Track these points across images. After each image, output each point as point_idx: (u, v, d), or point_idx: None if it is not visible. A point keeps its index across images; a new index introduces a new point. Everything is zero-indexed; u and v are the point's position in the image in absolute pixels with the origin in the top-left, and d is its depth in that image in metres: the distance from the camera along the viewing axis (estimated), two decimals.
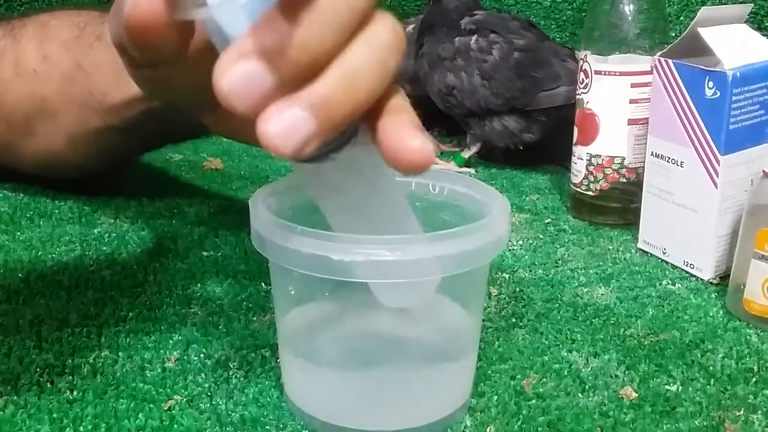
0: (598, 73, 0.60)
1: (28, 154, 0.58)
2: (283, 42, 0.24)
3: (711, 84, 0.49)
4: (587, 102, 0.61)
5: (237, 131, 0.36)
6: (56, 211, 0.60)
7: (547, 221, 0.63)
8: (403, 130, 0.27)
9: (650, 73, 0.55)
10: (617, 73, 0.59)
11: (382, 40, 0.26)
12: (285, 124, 0.25)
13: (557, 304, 0.48)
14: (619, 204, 0.62)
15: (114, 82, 0.49)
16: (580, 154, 0.62)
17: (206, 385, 0.38)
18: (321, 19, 0.24)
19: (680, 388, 0.40)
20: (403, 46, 0.27)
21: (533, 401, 0.38)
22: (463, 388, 0.37)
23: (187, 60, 0.29)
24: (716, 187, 0.50)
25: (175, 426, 0.35)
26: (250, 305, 0.46)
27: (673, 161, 0.53)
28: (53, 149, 0.56)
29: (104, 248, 0.54)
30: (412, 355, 0.36)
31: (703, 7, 0.52)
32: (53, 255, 0.52)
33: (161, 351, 0.41)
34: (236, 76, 0.24)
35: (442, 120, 0.85)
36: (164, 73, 0.30)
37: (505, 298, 0.49)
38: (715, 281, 0.52)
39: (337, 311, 0.36)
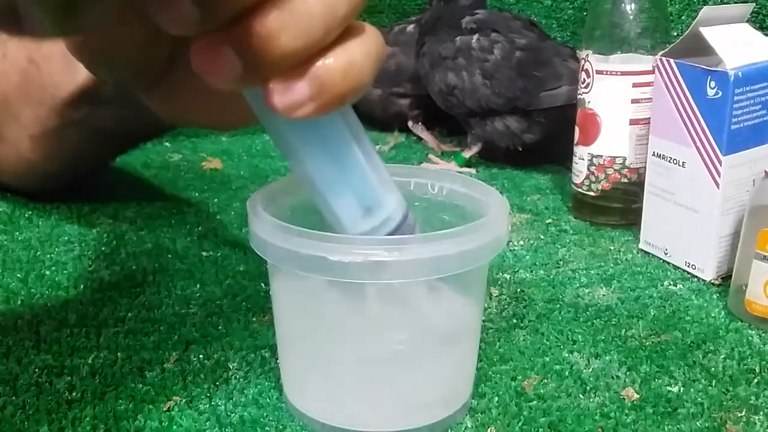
0: (599, 72, 0.60)
1: (1, 161, 0.57)
2: None
3: (713, 84, 0.49)
4: (589, 102, 0.61)
5: (179, 112, 0.35)
6: (55, 211, 0.60)
7: (548, 221, 0.63)
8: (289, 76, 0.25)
9: (652, 72, 0.55)
10: (619, 73, 0.59)
11: None
12: (210, 59, 0.24)
13: (558, 305, 0.48)
14: (620, 204, 0.62)
15: (64, 72, 0.48)
16: (582, 155, 0.62)
17: (205, 386, 0.38)
18: None
19: (682, 389, 0.39)
20: None
21: (534, 402, 0.38)
22: (464, 389, 0.37)
23: (121, 14, 0.28)
24: (718, 188, 0.50)
25: (174, 427, 0.35)
26: (250, 306, 0.46)
27: (675, 161, 0.53)
28: (21, 155, 0.55)
29: (103, 248, 0.54)
30: (412, 356, 0.36)
31: (704, 7, 0.52)
32: (52, 255, 0.52)
33: (160, 352, 0.41)
34: (162, 6, 0.23)
35: (443, 120, 0.85)
36: (96, 33, 0.29)
37: (506, 299, 0.49)
38: (716, 282, 0.52)
39: (335, 312, 0.36)
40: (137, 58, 0.30)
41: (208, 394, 0.38)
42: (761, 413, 0.38)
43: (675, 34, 0.73)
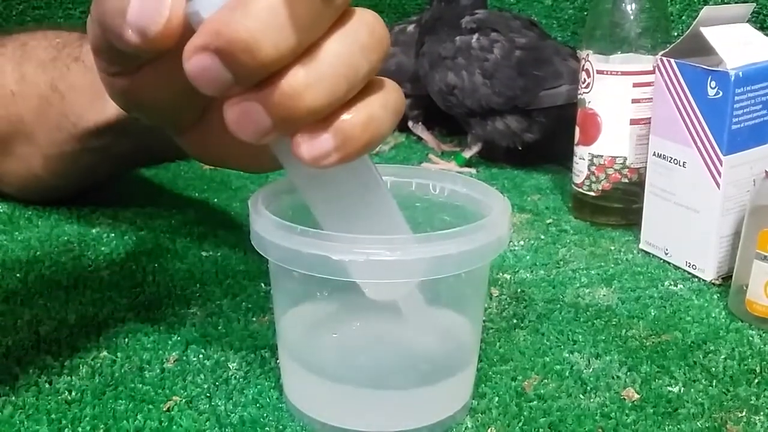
0: (600, 72, 0.60)
1: (6, 173, 0.57)
2: (233, 42, 0.24)
3: (713, 84, 0.49)
4: (589, 102, 0.61)
5: (212, 156, 0.36)
6: (54, 211, 0.60)
7: (548, 221, 0.63)
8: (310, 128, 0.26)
9: (652, 72, 0.55)
10: (619, 73, 0.59)
11: (356, 40, 0.26)
12: (241, 115, 0.26)
13: (559, 305, 0.48)
14: (620, 204, 0.62)
15: (89, 106, 0.48)
16: (582, 154, 0.62)
17: (205, 386, 0.38)
18: (275, 21, 0.24)
19: (682, 389, 0.39)
20: (382, 47, 0.27)
21: (534, 402, 0.38)
22: (464, 390, 0.37)
23: (164, 66, 0.29)
24: (718, 188, 0.50)
25: (174, 427, 0.35)
26: (250, 306, 0.46)
27: (676, 161, 0.53)
28: (31, 171, 0.55)
29: (103, 248, 0.54)
30: (412, 357, 0.36)
31: (705, 7, 0.52)
32: (51, 255, 0.52)
33: (160, 351, 0.41)
34: (196, 66, 0.25)
35: (442, 119, 0.85)
36: (139, 83, 0.30)
37: (506, 299, 0.49)
38: (717, 282, 0.52)
39: (336, 313, 0.36)
40: (175, 105, 0.31)
41: (208, 394, 0.38)
42: (762, 413, 0.37)
43: (675, 34, 0.73)
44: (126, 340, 0.42)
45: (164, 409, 0.36)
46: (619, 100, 0.59)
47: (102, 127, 0.49)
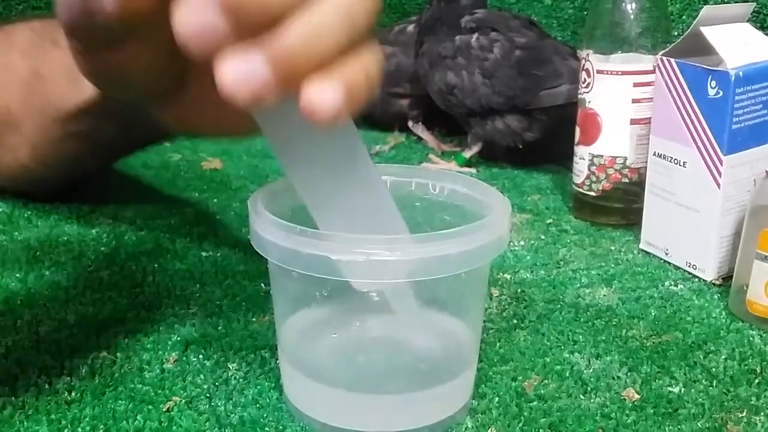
0: (600, 72, 0.60)
1: None
2: None
3: (714, 83, 0.49)
4: (589, 101, 0.61)
5: (195, 126, 0.35)
6: (54, 212, 0.60)
7: (548, 221, 0.63)
8: (318, 80, 0.25)
9: (653, 72, 0.55)
10: (619, 73, 0.59)
11: None
12: (240, 72, 0.24)
13: (559, 305, 0.48)
14: (621, 204, 0.62)
15: (70, 88, 0.48)
16: (582, 154, 0.62)
17: (205, 387, 0.38)
18: None
19: (682, 389, 0.39)
20: (375, 2, 0.26)
21: (535, 403, 0.38)
22: (464, 390, 0.37)
23: (142, 40, 0.29)
24: (719, 188, 0.50)
25: (174, 427, 0.35)
26: (249, 306, 0.46)
27: (676, 161, 0.53)
28: (20, 162, 0.55)
29: (102, 249, 0.54)
30: (412, 357, 0.36)
31: (705, 6, 0.52)
32: (51, 255, 0.52)
33: (160, 352, 0.41)
34: (190, 21, 0.24)
35: (442, 119, 0.85)
36: (115, 59, 0.30)
37: (506, 299, 0.48)
38: (717, 282, 0.52)
39: (336, 313, 0.36)
40: (150, 81, 0.31)
41: (208, 395, 0.38)
42: (762, 414, 0.37)
43: (676, 33, 0.73)
44: (126, 340, 0.42)
45: (164, 410, 0.36)
46: (619, 100, 0.59)
47: (82, 109, 0.48)
